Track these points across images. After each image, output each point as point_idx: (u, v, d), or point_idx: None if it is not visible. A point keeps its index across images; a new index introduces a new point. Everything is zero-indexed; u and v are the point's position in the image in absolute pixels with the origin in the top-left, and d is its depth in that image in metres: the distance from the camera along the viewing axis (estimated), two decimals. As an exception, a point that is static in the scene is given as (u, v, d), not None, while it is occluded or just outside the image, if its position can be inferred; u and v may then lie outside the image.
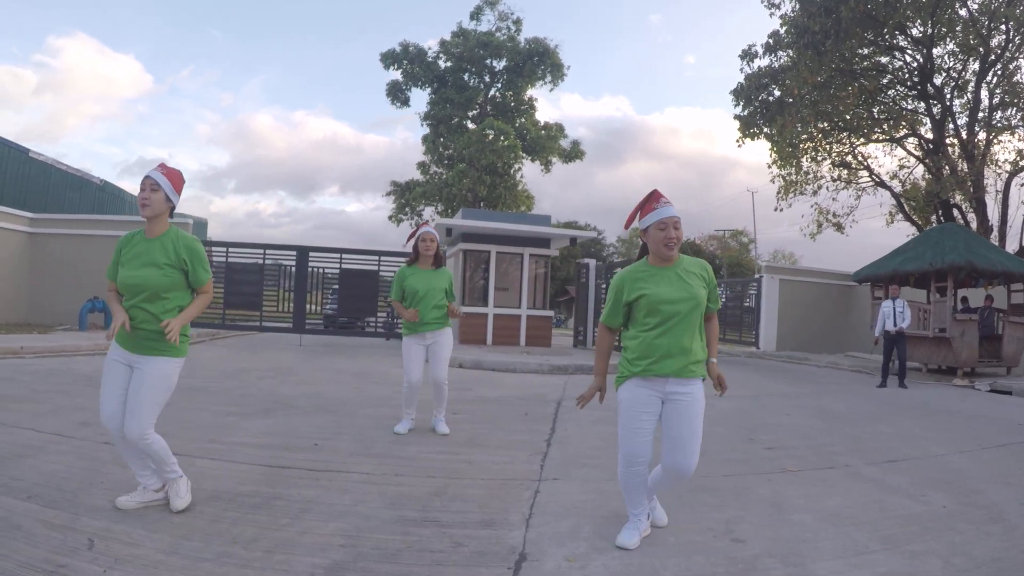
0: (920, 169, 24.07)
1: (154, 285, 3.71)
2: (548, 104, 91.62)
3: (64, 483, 4.16)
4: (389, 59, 35.47)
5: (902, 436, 7.40)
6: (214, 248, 16.90)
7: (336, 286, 18.10)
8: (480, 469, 5.20)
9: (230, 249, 16.98)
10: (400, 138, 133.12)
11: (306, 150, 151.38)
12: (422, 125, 37.11)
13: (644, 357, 3.52)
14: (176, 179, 3.86)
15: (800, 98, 21.35)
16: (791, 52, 22.14)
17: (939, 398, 11.29)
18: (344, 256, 17.77)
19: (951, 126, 22.03)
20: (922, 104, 22.95)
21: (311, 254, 17.58)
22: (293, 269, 17.42)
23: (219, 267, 16.40)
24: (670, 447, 3.54)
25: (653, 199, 3.63)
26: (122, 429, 3.70)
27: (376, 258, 17.89)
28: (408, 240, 6.55)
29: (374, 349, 16.68)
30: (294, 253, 17.52)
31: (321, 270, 17.81)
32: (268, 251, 17.37)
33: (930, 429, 7.99)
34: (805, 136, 23.23)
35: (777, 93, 23.38)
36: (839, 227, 25.24)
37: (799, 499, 4.64)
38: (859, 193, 25.10)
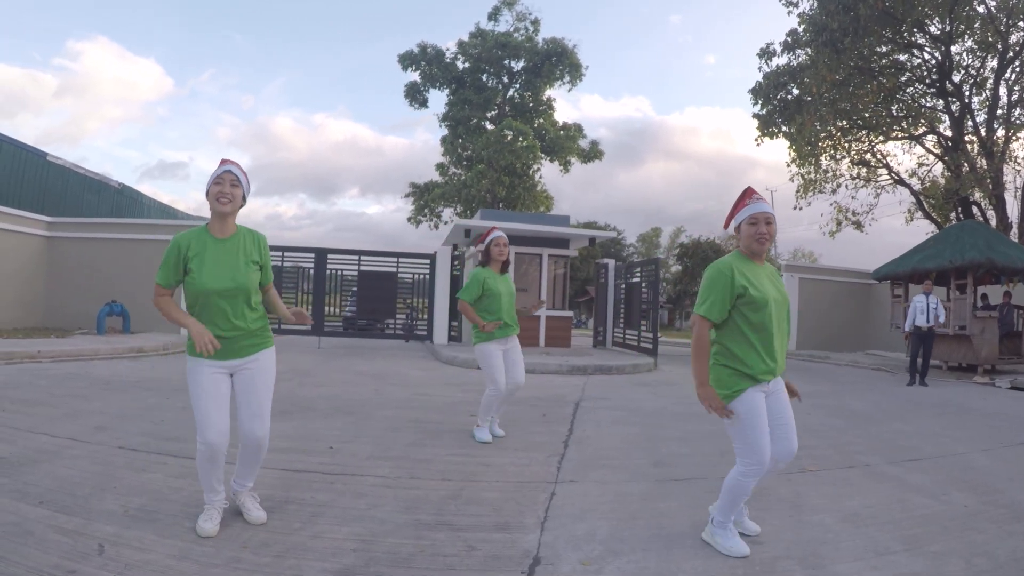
0: (939, 167, 23.90)
1: (253, 286, 3.62)
2: (567, 104, 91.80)
3: (77, 488, 4.17)
4: (407, 60, 35.52)
5: (923, 434, 7.31)
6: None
7: (355, 288, 18.17)
8: (496, 471, 5.17)
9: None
10: (420, 140, 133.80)
11: (326, 152, 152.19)
12: (441, 126, 37.23)
13: (762, 361, 3.47)
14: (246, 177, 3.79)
15: (819, 96, 21.25)
16: (809, 50, 22.07)
17: (960, 396, 11.16)
18: (363, 258, 17.89)
19: (970, 123, 21.87)
20: (941, 102, 22.81)
21: (330, 256, 17.69)
22: (312, 271, 17.52)
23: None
24: (780, 434, 3.58)
25: (746, 195, 3.64)
26: (248, 435, 3.66)
27: (395, 260, 17.98)
28: (479, 243, 6.52)
29: (393, 351, 16.71)
30: (312, 255, 17.60)
31: (340, 272, 17.90)
32: (287, 253, 17.49)
33: (951, 427, 7.90)
34: (824, 134, 23.15)
35: (796, 91, 23.34)
36: (858, 225, 25.10)
37: (819, 499, 4.58)
38: (878, 191, 24.99)
